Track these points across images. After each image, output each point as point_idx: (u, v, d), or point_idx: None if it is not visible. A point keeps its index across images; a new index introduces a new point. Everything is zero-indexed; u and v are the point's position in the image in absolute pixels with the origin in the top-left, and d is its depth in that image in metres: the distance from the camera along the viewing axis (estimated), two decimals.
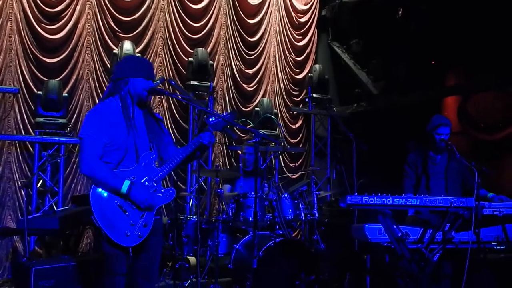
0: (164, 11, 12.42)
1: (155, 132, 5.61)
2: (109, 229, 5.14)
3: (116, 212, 5.20)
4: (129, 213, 5.23)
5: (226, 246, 9.06)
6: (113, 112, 5.37)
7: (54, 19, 11.25)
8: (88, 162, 5.20)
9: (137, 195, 5.23)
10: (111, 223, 5.16)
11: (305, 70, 14.53)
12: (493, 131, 12.09)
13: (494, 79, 11.29)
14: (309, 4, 14.58)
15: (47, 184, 10.90)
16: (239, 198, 8.95)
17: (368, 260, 8.45)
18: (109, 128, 5.27)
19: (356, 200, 6.35)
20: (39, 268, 7.76)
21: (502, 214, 6.69)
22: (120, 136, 5.30)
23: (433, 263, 6.63)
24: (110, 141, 5.27)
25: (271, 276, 8.03)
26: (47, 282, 7.82)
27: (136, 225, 5.24)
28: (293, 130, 14.33)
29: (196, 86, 12.04)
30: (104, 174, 5.19)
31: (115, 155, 5.31)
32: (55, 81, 10.71)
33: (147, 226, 5.29)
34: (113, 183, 5.19)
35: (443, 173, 7.67)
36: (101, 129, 5.25)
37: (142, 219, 5.28)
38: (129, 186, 5.20)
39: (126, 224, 5.20)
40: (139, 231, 5.24)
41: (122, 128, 5.32)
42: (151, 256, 5.49)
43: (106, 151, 5.28)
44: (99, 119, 5.31)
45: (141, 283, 5.44)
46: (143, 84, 5.47)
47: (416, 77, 12.44)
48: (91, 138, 5.23)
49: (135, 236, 5.22)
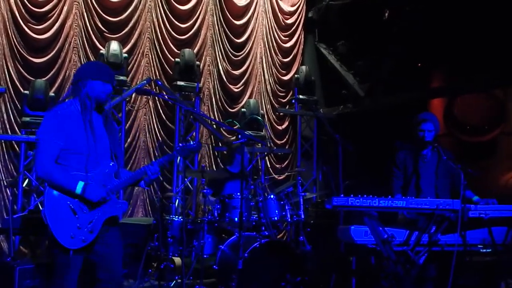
0: (151, 12, 12.42)
1: (116, 141, 5.77)
2: (55, 228, 5.25)
3: (66, 213, 5.31)
4: (78, 216, 5.34)
5: (211, 247, 9.02)
6: (71, 116, 5.45)
7: (41, 19, 11.23)
8: (43, 165, 5.31)
9: (91, 194, 5.34)
10: (58, 223, 5.27)
11: (292, 71, 14.54)
12: (479, 133, 12.15)
13: (480, 81, 11.33)
14: (296, 6, 14.60)
15: (33, 183, 10.86)
16: (225, 198, 8.95)
17: (354, 262, 8.47)
18: (67, 132, 5.36)
19: (342, 201, 6.37)
20: (23, 268, 7.76)
21: (488, 216, 6.71)
22: (78, 140, 5.38)
23: (419, 266, 6.66)
24: (66, 145, 5.35)
25: (256, 277, 8.03)
26: (32, 282, 7.82)
27: (82, 229, 5.33)
28: (279, 131, 14.34)
29: (183, 86, 12.04)
30: (59, 176, 5.30)
31: (73, 159, 5.40)
32: (41, 81, 10.68)
33: (92, 233, 5.39)
34: (67, 185, 5.29)
35: (433, 172, 7.64)
36: (57, 132, 5.34)
37: (90, 225, 5.38)
38: (83, 186, 5.30)
39: (72, 227, 5.30)
40: (84, 236, 5.33)
41: (80, 132, 5.40)
42: (109, 252, 5.59)
43: (63, 154, 5.37)
44: (56, 121, 5.40)
45: (103, 276, 5.56)
46: (101, 87, 5.54)
47: (402, 78, 12.45)
48: (47, 141, 5.33)
49: (78, 239, 5.31)
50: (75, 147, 5.35)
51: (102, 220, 5.45)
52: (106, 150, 5.59)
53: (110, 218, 5.55)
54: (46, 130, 5.38)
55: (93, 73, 5.56)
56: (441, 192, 7.50)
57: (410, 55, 12.47)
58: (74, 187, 5.28)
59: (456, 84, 12.19)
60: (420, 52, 12.26)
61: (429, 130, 7.56)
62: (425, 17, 11.81)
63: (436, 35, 11.60)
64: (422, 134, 7.54)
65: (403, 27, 12.30)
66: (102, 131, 5.61)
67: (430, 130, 7.56)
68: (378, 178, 8.43)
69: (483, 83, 11.36)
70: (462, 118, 12.45)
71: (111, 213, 5.55)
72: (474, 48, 10.95)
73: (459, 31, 11.13)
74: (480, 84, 11.46)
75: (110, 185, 5.53)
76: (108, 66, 6.06)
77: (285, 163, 14.30)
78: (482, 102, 12.15)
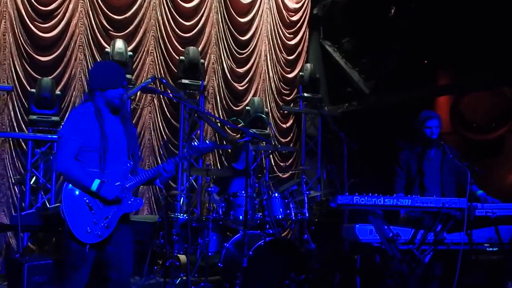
0: (155, 10, 12.44)
1: (133, 141, 5.88)
2: (72, 222, 5.40)
3: (83, 208, 5.46)
4: (95, 212, 5.47)
5: (216, 244, 9.05)
6: (90, 116, 5.58)
7: (47, 18, 11.30)
8: (63, 161, 5.46)
9: (106, 193, 5.46)
10: (76, 217, 5.42)
11: (296, 69, 14.51)
12: (486, 131, 12.08)
13: (487, 79, 11.27)
14: (300, 3, 14.57)
15: (40, 181, 10.94)
16: (229, 197, 8.96)
17: (359, 261, 8.46)
18: (85, 130, 5.49)
19: (347, 200, 6.37)
20: (32, 264, 7.82)
21: (495, 215, 6.71)
22: (93, 139, 5.50)
23: (424, 264, 6.65)
24: (84, 143, 5.49)
25: (260, 275, 8.05)
26: (40, 278, 7.86)
27: (98, 224, 5.47)
28: (283, 129, 14.33)
29: (187, 84, 12.06)
30: (77, 173, 5.44)
31: (89, 157, 5.53)
32: (48, 79, 10.74)
33: (108, 228, 5.52)
34: (84, 181, 5.43)
35: (438, 169, 7.63)
36: (78, 130, 5.49)
37: (106, 220, 5.51)
38: (99, 184, 5.42)
39: (89, 221, 5.44)
40: (100, 231, 5.47)
41: (96, 132, 5.52)
42: (121, 251, 5.67)
43: (82, 152, 5.51)
44: (77, 120, 5.57)
45: (113, 275, 5.64)
46: (112, 94, 5.65)
47: (408, 76, 12.41)
48: (69, 138, 5.49)
49: (95, 234, 5.44)
50: (91, 145, 5.48)
51: (118, 215, 5.58)
52: (122, 149, 5.71)
53: (124, 215, 5.65)
54: (66, 128, 5.61)
55: (101, 83, 5.65)
56: (447, 190, 7.50)
57: (416, 53, 12.43)
58: (90, 184, 5.40)
59: (462, 81, 12.13)
60: (426, 49, 12.21)
61: (435, 126, 7.55)
62: (431, 14, 11.77)
63: (442, 32, 11.56)
64: (429, 131, 7.53)
65: (408, 24, 12.27)
66: (118, 131, 5.73)
67: (437, 126, 7.56)
68: (383, 176, 8.44)
69: (490, 81, 11.28)
70: (468, 116, 12.37)
71: (127, 210, 5.67)
72: (481, 46, 10.89)
73: (465, 28, 11.07)
74: (487, 82, 11.38)
75: (126, 183, 5.63)
76: (117, 66, 6.11)
77: (290, 161, 14.29)
78: (488, 99, 12.08)
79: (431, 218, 6.76)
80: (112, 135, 5.61)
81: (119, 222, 5.60)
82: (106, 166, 5.52)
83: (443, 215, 6.59)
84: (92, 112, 5.58)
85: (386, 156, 8.80)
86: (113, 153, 5.59)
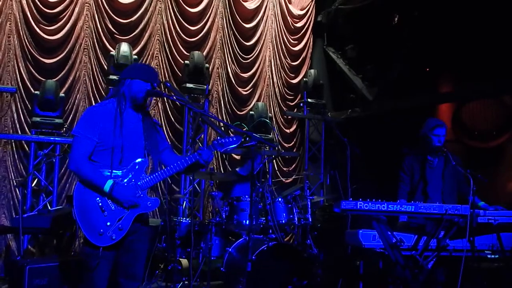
0: (161, 14, 12.48)
1: (152, 139, 5.73)
2: (84, 224, 5.29)
3: (95, 210, 5.34)
4: (107, 214, 5.36)
5: (219, 249, 9.05)
6: (107, 114, 5.51)
7: (53, 20, 11.32)
8: (76, 159, 5.37)
9: (119, 194, 5.35)
10: (88, 219, 5.31)
11: (300, 75, 14.58)
12: (487, 139, 12.11)
13: (489, 87, 11.30)
14: (305, 10, 14.64)
15: (42, 183, 10.92)
16: (233, 201, 8.97)
17: (362, 266, 8.47)
18: (101, 129, 5.43)
19: (351, 205, 6.37)
20: (33, 267, 7.79)
21: (497, 222, 6.72)
22: (110, 138, 5.43)
23: (427, 270, 6.66)
24: (100, 142, 5.42)
25: (263, 280, 8.04)
26: (41, 281, 7.85)
27: (111, 226, 5.34)
28: (287, 134, 14.36)
29: (192, 88, 12.07)
30: (90, 172, 5.35)
31: (101, 155, 5.45)
32: (52, 82, 10.74)
33: (122, 230, 5.39)
34: (97, 181, 5.33)
35: (440, 178, 7.65)
36: (93, 129, 5.41)
37: (119, 222, 5.38)
38: (112, 185, 5.32)
39: (102, 223, 5.32)
40: (113, 233, 5.34)
41: (109, 128, 5.46)
42: (134, 256, 5.58)
43: (96, 151, 5.44)
44: (92, 118, 5.48)
45: (123, 281, 5.56)
46: (139, 86, 5.59)
47: (410, 83, 12.46)
48: (83, 137, 5.41)
49: (107, 236, 5.32)
50: (103, 143, 5.42)
51: (132, 217, 5.45)
52: (137, 146, 5.60)
53: (140, 215, 5.53)
54: (80, 126, 5.48)
55: (133, 72, 5.68)
56: (447, 198, 7.52)
57: (419, 60, 12.47)
58: (103, 184, 5.31)
59: (464, 90, 12.16)
60: (429, 57, 12.25)
61: (443, 135, 7.58)
62: (434, 23, 11.82)
63: (445, 40, 11.60)
64: (437, 139, 7.56)
65: (411, 31, 12.32)
66: (136, 128, 5.64)
67: (444, 135, 7.59)
68: (386, 182, 8.44)
69: (492, 89, 11.32)
70: (470, 124, 12.42)
71: (141, 210, 5.53)
72: (483, 54, 10.93)
73: (467, 37, 11.12)
74: (489, 91, 11.42)
75: (139, 182, 5.52)
76: (152, 68, 6.08)
77: (293, 166, 14.32)
78: (490, 108, 12.12)
79: (434, 225, 6.78)
80: (129, 133, 5.53)
81: (134, 223, 5.48)
82: (116, 164, 5.44)
83: (446, 222, 6.61)
84: (110, 109, 5.53)
85: (388, 162, 8.84)
86: (129, 151, 5.50)
